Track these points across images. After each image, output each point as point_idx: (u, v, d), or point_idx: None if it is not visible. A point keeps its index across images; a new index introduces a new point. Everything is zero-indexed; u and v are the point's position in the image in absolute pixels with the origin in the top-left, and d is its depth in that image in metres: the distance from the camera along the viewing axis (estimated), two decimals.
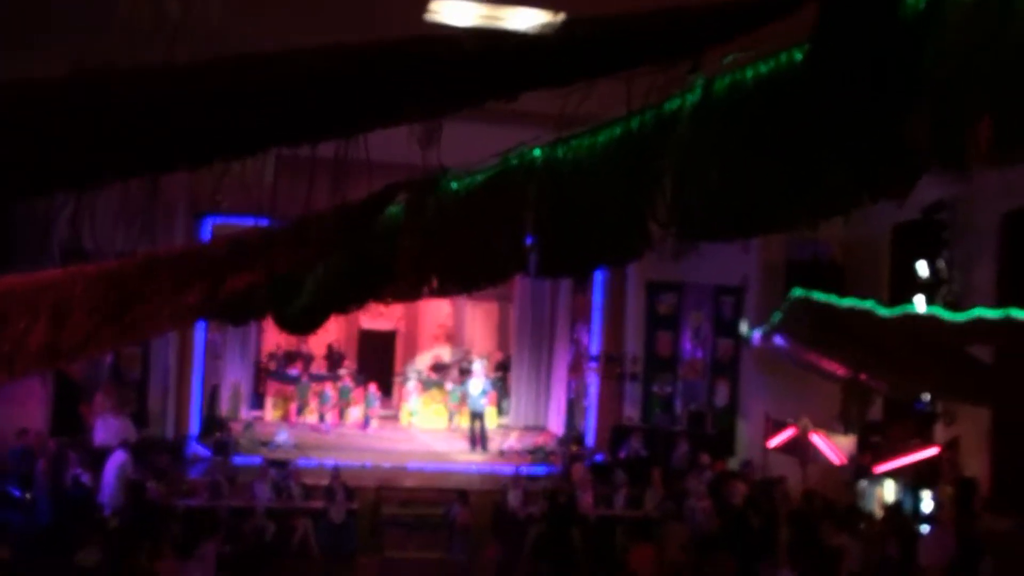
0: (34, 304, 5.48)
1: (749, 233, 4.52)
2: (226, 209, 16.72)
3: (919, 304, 14.81)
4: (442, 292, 6.80)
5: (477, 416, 19.97)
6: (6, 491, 14.39)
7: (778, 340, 16.19)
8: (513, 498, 15.88)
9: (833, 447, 15.36)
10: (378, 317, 23.86)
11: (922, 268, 15.19)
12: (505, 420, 22.21)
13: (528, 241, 5.66)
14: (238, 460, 17.36)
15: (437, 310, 25.09)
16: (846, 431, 15.69)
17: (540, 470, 18.26)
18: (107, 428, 16.26)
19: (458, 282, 6.46)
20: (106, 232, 5.08)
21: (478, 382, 20.40)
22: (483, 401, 20.21)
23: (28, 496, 14.52)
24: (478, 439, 19.72)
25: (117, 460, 14.45)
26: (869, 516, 14.69)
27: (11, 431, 15.43)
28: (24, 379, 6.21)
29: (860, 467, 15.25)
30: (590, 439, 19.32)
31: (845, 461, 15.34)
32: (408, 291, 6.94)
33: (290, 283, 7.57)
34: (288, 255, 6.27)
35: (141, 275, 5.94)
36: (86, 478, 14.64)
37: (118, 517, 13.55)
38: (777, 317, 15.94)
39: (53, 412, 16.86)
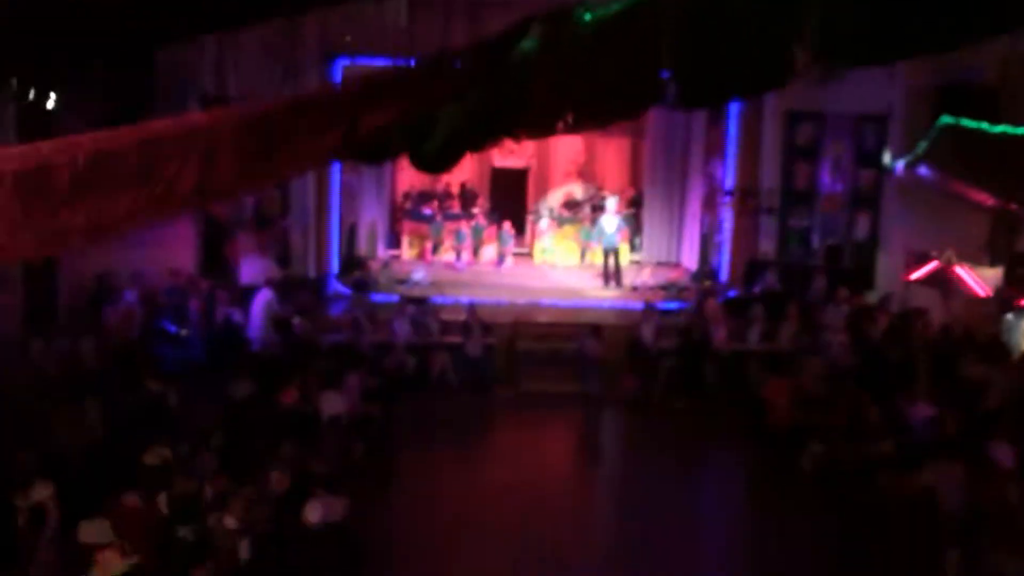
0: (184, 147, 5.72)
1: (901, 55, 4.33)
2: (356, 50, 16.80)
3: None
4: (577, 127, 6.75)
5: (611, 252, 20.06)
6: (163, 327, 15.26)
7: (923, 170, 15.68)
8: (646, 332, 16.05)
9: (978, 279, 14.98)
10: (510, 155, 23.89)
11: None
12: (638, 256, 22.21)
13: (664, 73, 5.55)
14: (376, 298, 17.92)
15: (569, 147, 24.91)
16: (992, 263, 15.24)
17: (673, 305, 18.35)
18: (252, 268, 16.97)
19: (593, 116, 6.40)
20: (249, 77, 5.21)
21: (612, 219, 20.38)
22: (617, 237, 20.24)
23: (183, 332, 15.38)
24: (612, 275, 19.86)
25: (263, 298, 15.10)
26: (1013, 348, 14.34)
27: (162, 272, 16.24)
28: (175, 220, 6.54)
29: (1006, 300, 14.84)
30: (724, 274, 19.22)
31: (990, 294, 14.96)
32: (542, 127, 6.92)
33: (425, 121, 7.61)
34: (423, 93, 6.31)
35: (284, 117, 6.11)
36: (236, 315, 15.37)
37: (269, 351, 14.24)
38: (923, 146, 15.38)
39: (200, 253, 17.63)
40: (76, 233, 5.59)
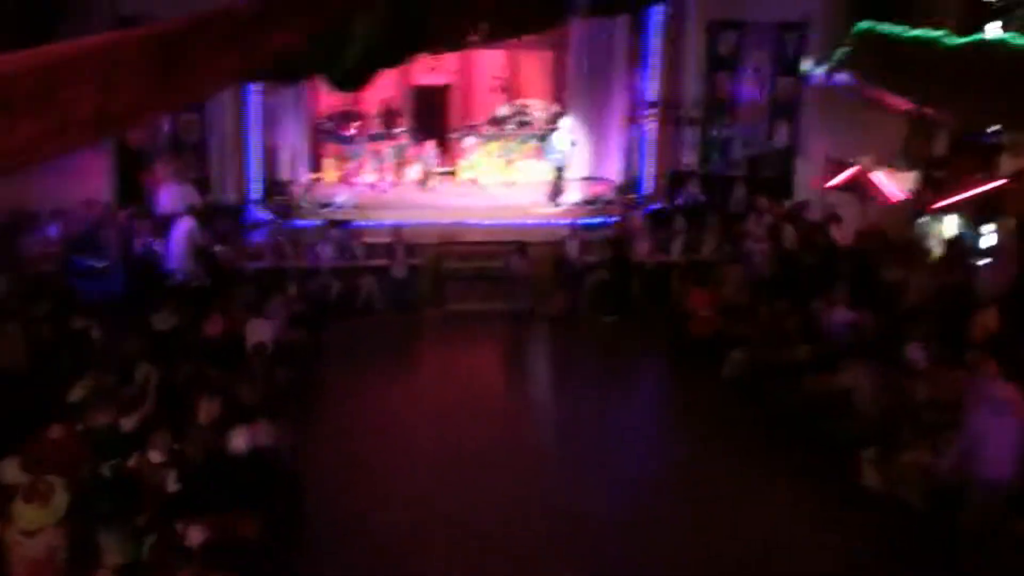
0: (81, 71, 5.53)
1: None
2: None
3: (991, 31, 14.25)
4: (492, 39, 6.65)
5: (560, 169, 19.82)
6: (81, 260, 14.94)
7: (841, 77, 15.79)
8: (571, 249, 16.13)
9: (894, 184, 15.24)
10: (431, 72, 23.48)
11: None
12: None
13: None
14: (299, 223, 17.73)
15: (492, 62, 24.58)
16: (909, 167, 15.48)
17: (597, 221, 18.42)
18: (170, 195, 16.58)
19: (509, 26, 6.30)
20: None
21: (565, 136, 20.02)
22: (567, 155, 19.84)
23: (101, 264, 15.08)
24: (558, 193, 19.70)
25: (184, 226, 14.83)
26: (929, 251, 14.69)
27: (77, 203, 15.85)
28: (82, 149, 6.30)
29: (921, 203, 15.14)
30: (647, 187, 19.29)
31: (907, 197, 15.24)
32: (456, 39, 6.81)
33: (335, 38, 7.46)
34: (330, 6, 6.15)
35: (183, 37, 5.92)
36: (156, 245, 15.09)
37: (192, 281, 14.04)
38: (841, 53, 15.46)
39: (116, 183, 17.21)
40: None
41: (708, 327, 13.56)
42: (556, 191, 19.60)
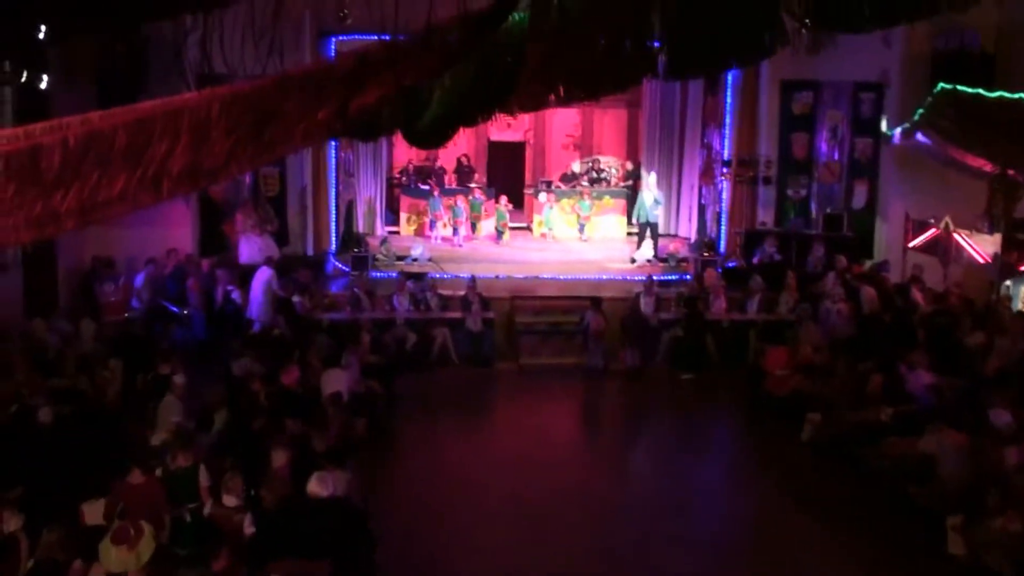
0: (174, 127, 5.68)
1: (891, 18, 4.27)
2: (351, 27, 16.72)
3: None
4: (568, 99, 6.72)
5: (647, 225, 19.92)
6: (164, 307, 15.31)
7: (921, 137, 15.62)
8: (645, 305, 16.05)
9: (976, 246, 14.96)
10: (507, 129, 23.78)
11: None
12: (634, 229, 22.10)
13: (656, 43, 5.51)
14: (376, 275, 17.93)
15: (565, 119, 24.84)
16: (991, 229, 15.19)
17: (672, 277, 18.37)
18: (251, 246, 16.96)
19: (584, 88, 6.36)
20: (235, 54, 5.16)
21: (650, 193, 20.18)
22: (657, 212, 20.08)
23: (185, 312, 15.43)
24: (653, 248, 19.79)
25: (263, 276, 15.10)
26: (1015, 314, 14.33)
27: (161, 252, 16.26)
28: (170, 200, 6.48)
29: (1005, 265, 14.82)
30: (722, 245, 19.19)
31: (989, 260, 14.95)
32: (534, 99, 6.88)
33: (417, 96, 7.59)
34: (414, 67, 6.26)
35: (273, 94, 6.07)
36: (236, 294, 15.40)
37: (274, 330, 14.26)
38: (920, 113, 15.31)
39: (199, 233, 17.64)
40: (69, 216, 5.56)
41: (785, 386, 13.35)
42: (649, 246, 19.58)
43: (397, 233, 21.79)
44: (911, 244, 16.44)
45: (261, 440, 9.68)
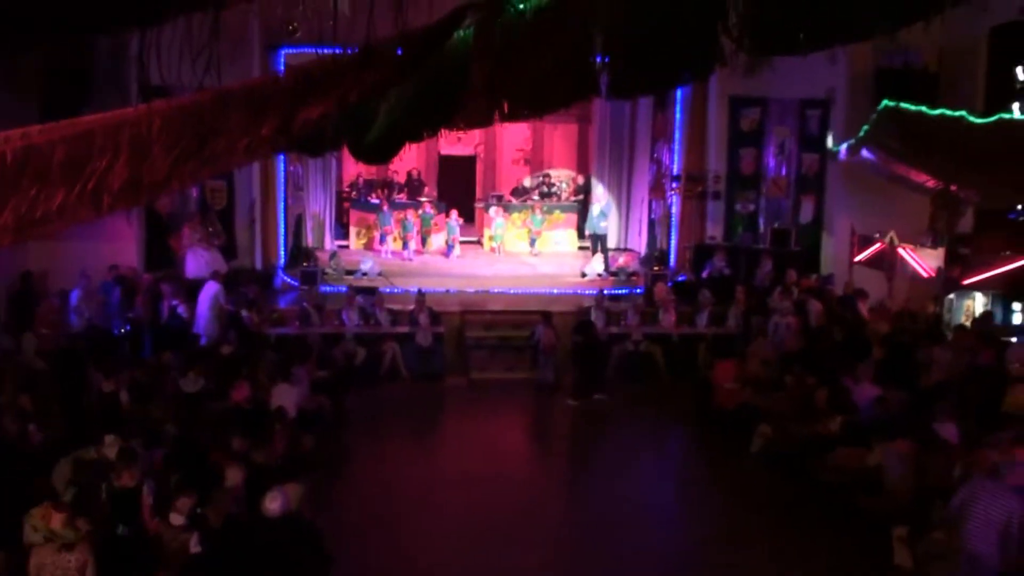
0: (114, 142, 5.62)
1: (826, 42, 4.35)
2: (300, 39, 16.71)
3: (1016, 111, 14.32)
4: (513, 116, 6.75)
5: (597, 238, 20.20)
6: (108, 323, 15.08)
7: (866, 153, 15.87)
8: (595, 319, 16.12)
9: (921, 260, 15.21)
10: (456, 143, 23.82)
11: (1021, 73, 14.57)
12: (586, 243, 22.20)
13: (599, 60, 5.56)
14: (325, 289, 17.85)
15: (516, 134, 24.91)
16: (935, 244, 15.47)
17: (623, 291, 18.49)
18: (198, 260, 16.81)
19: (529, 105, 6.40)
20: (174, 68, 5.11)
21: (598, 205, 20.41)
22: (603, 224, 20.33)
23: (128, 329, 15.22)
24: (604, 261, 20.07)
25: (210, 291, 14.96)
26: (958, 328, 14.58)
27: (103, 266, 16.05)
28: (112, 215, 6.38)
29: (949, 280, 15.09)
30: (672, 259, 19.35)
31: (933, 273, 15.20)
32: (479, 116, 6.91)
33: (363, 112, 7.58)
34: (358, 83, 6.26)
35: (215, 109, 6.03)
36: (182, 310, 15.21)
37: (223, 345, 14.10)
38: (865, 129, 15.55)
39: (144, 248, 17.44)
40: (5, 232, 5.49)
41: (733, 400, 13.47)
42: (599, 260, 19.81)
43: (347, 247, 21.71)
44: (857, 258, 16.69)
45: (210, 458, 9.57)
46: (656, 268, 18.88)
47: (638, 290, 18.42)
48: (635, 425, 14.40)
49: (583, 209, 22.40)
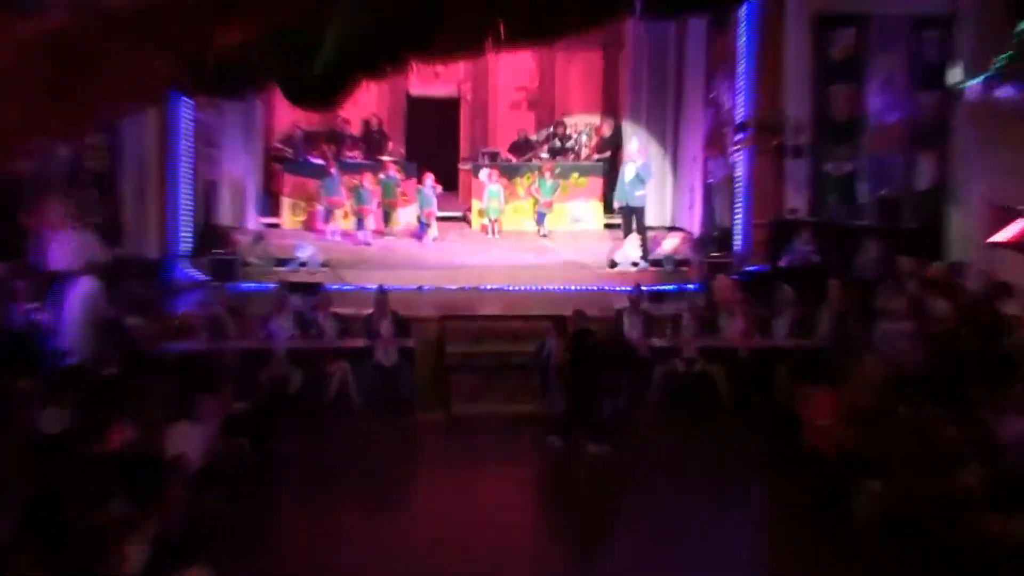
0: None
1: None
2: None
3: None
4: (513, 42, 6.69)
5: (631, 212, 20.10)
6: None
7: (1007, 91, 15.84)
8: (631, 327, 16.09)
9: None
10: (433, 80, 23.78)
11: None
12: (616, 219, 22.09)
13: None
14: (246, 286, 17.84)
15: (516, 66, 24.88)
16: None
17: (669, 288, 18.45)
18: (63, 247, 16.73)
19: (533, 29, 6.31)
20: None
21: (631, 165, 20.34)
22: (640, 192, 20.30)
23: None
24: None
25: (83, 290, 14.89)
26: None
27: None
28: None
29: None
30: (739, 241, 19.33)
31: None
32: (464, 42, 6.84)
33: (301, 36, 7.53)
34: None
35: (92, 33, 5.98)
36: (40, 315, 15.15)
37: (99, 366, 14.07)
38: (1003, 59, 15.53)
39: None
40: None
41: (830, 442, 13.40)
42: (635, 243, 19.78)
43: (277, 227, 21.75)
44: (996, 238, 16.64)
45: (80, 525, 9.55)
46: (715, 255, 18.87)
47: (691, 287, 18.39)
48: (687, 480, 14.31)
49: (611, 172, 22.36)
